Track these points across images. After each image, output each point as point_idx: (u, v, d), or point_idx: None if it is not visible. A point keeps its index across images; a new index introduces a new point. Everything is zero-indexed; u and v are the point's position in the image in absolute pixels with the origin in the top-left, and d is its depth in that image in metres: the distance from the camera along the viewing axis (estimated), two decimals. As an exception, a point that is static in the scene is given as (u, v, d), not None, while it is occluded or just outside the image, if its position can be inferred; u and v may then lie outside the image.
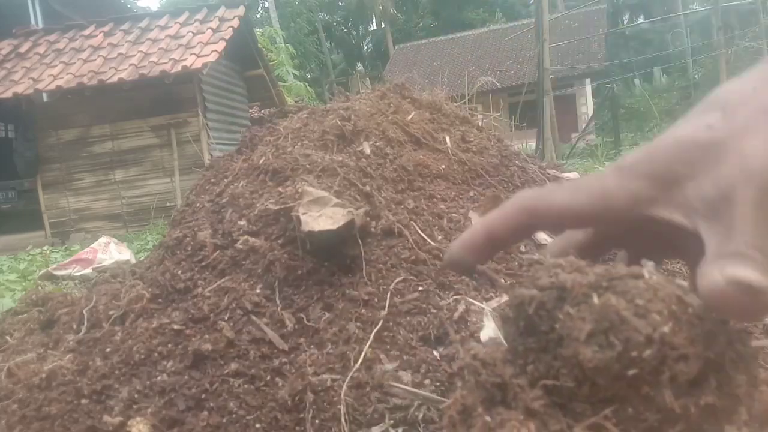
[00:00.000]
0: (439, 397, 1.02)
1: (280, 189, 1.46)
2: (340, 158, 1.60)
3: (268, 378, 1.05)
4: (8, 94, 8.71)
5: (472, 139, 2.12)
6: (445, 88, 2.89)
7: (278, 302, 1.21)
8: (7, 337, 1.50)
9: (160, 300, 1.30)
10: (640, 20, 33.14)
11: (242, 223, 1.41)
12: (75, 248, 6.82)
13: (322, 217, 1.23)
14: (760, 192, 0.29)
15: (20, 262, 6.21)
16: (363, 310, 1.18)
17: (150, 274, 1.45)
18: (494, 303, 1.27)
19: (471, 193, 1.79)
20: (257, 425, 0.96)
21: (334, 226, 1.19)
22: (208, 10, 10.23)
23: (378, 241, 1.34)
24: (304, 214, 1.25)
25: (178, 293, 1.30)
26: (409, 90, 2.30)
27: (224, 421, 0.97)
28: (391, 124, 1.89)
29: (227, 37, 9.25)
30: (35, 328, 1.49)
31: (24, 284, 4.57)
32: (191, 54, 8.75)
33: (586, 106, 23.08)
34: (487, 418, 0.30)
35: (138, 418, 0.95)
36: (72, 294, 1.71)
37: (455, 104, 2.52)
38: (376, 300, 1.21)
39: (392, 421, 0.98)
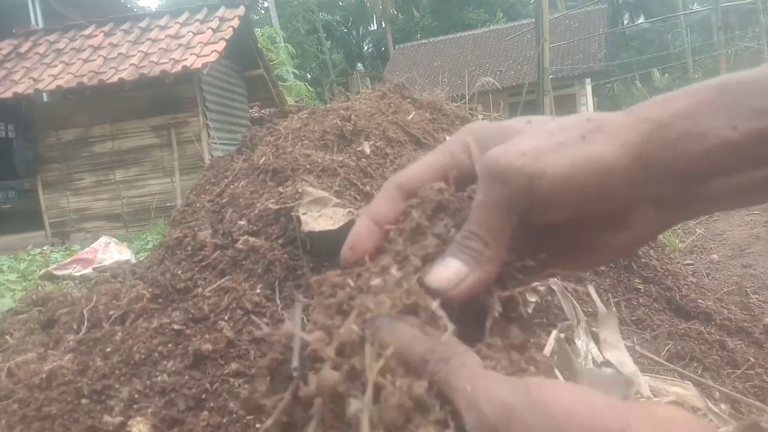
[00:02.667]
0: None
1: (280, 189, 1.46)
2: (341, 158, 1.60)
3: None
4: (8, 94, 8.71)
5: (472, 139, 2.12)
6: (445, 88, 2.89)
7: (278, 302, 1.21)
8: (8, 337, 1.50)
9: (160, 300, 1.30)
10: (640, 20, 33.13)
11: (242, 223, 1.41)
12: (75, 248, 6.82)
13: (323, 217, 1.23)
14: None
15: (20, 262, 6.21)
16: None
17: (150, 274, 1.45)
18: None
19: (471, 193, 1.79)
20: (257, 425, 0.96)
21: (335, 226, 1.19)
22: (208, 10, 10.23)
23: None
24: (304, 214, 1.25)
25: (179, 293, 1.30)
26: (409, 90, 2.30)
27: (224, 421, 0.97)
28: (392, 124, 1.89)
29: (227, 37, 9.25)
30: (35, 328, 1.49)
31: (24, 284, 4.57)
32: (191, 54, 8.75)
33: (586, 106, 23.08)
34: None
35: (138, 418, 0.95)
36: (72, 294, 1.71)
37: (455, 104, 2.52)
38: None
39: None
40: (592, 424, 0.28)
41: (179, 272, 1.35)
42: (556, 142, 0.37)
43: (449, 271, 0.36)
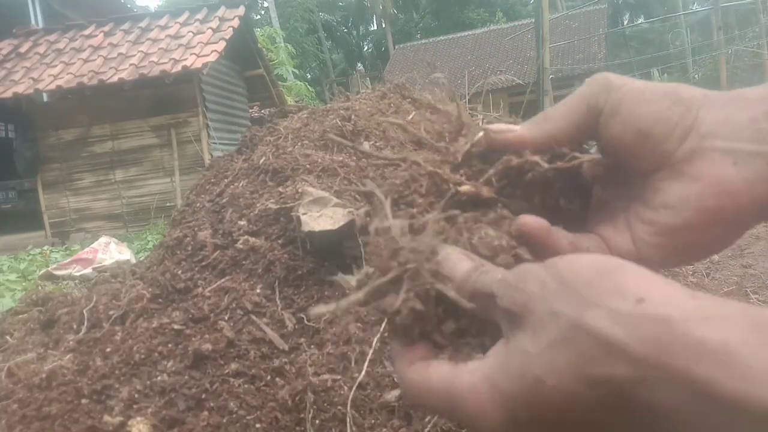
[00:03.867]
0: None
1: (280, 189, 1.46)
2: (341, 158, 1.60)
3: (269, 378, 1.05)
4: (8, 94, 8.71)
5: (472, 139, 2.12)
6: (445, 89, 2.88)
7: (278, 302, 1.21)
8: (8, 337, 1.50)
9: (160, 300, 1.30)
10: (640, 20, 33.13)
11: (242, 223, 1.41)
12: (75, 248, 6.82)
13: (323, 217, 1.23)
14: None
15: (20, 262, 6.21)
16: (363, 311, 1.18)
17: (150, 274, 1.45)
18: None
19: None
20: (257, 425, 0.96)
21: (335, 226, 1.19)
22: (208, 10, 10.23)
23: (378, 241, 1.34)
24: (304, 214, 1.25)
25: (179, 293, 1.29)
26: (409, 90, 2.30)
27: (224, 421, 0.97)
28: (392, 125, 1.89)
29: (227, 37, 9.25)
30: (35, 328, 1.49)
31: (24, 284, 4.57)
32: (191, 54, 8.75)
33: (586, 106, 23.02)
34: None
35: (138, 418, 0.95)
36: (72, 294, 1.71)
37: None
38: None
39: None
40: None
41: (179, 272, 1.35)
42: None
43: (506, 125, 0.44)
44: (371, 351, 1.05)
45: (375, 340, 1.08)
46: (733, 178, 0.39)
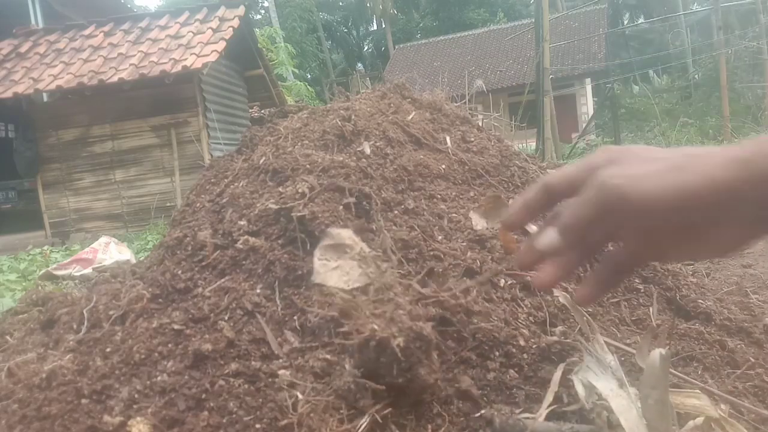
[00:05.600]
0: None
1: (280, 189, 1.46)
2: (341, 158, 1.60)
3: (269, 378, 1.05)
4: (8, 94, 8.70)
5: (472, 139, 2.12)
6: (445, 88, 2.89)
7: (278, 302, 1.21)
8: (8, 337, 1.50)
9: (160, 300, 1.30)
10: (640, 20, 33.13)
11: (242, 223, 1.41)
12: (75, 248, 6.82)
13: (338, 270, 1.12)
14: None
15: (20, 262, 6.20)
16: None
17: (150, 274, 1.45)
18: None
19: (471, 193, 1.79)
20: (257, 425, 0.96)
21: (347, 287, 1.06)
22: (208, 9, 10.23)
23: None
24: (320, 259, 1.14)
25: (179, 293, 1.30)
26: (409, 90, 2.30)
27: (224, 421, 0.97)
28: (392, 124, 1.89)
29: (227, 37, 9.25)
30: (35, 328, 1.49)
31: (24, 284, 4.57)
32: (191, 54, 8.74)
33: (586, 106, 23.10)
34: None
35: (138, 418, 0.95)
36: (72, 294, 1.71)
37: (455, 104, 2.51)
38: (376, 300, 1.20)
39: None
40: None
41: (179, 272, 1.35)
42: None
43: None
44: (371, 351, 1.05)
45: (375, 340, 1.08)
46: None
